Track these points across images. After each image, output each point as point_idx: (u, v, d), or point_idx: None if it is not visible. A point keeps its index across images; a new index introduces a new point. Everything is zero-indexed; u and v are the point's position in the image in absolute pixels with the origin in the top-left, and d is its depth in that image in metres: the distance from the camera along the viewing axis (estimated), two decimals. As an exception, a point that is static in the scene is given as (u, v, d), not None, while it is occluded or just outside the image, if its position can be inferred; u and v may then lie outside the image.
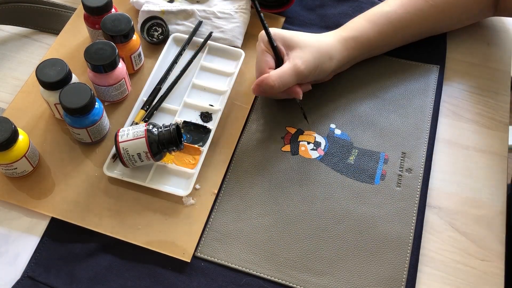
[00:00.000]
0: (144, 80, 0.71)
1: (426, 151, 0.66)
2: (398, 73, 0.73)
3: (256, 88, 0.64)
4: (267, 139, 0.67)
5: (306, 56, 0.64)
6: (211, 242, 0.60)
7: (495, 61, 0.75)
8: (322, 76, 0.68)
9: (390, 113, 0.70)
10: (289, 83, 0.63)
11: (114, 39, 0.66)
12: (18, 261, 0.59)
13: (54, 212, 0.61)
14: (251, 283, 0.58)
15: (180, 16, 0.75)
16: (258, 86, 0.64)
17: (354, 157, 0.66)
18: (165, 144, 0.60)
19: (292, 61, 0.63)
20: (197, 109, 0.69)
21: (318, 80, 0.69)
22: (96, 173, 0.64)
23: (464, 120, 0.70)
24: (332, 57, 0.66)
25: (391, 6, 0.69)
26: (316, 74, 0.66)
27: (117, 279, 0.58)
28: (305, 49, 0.64)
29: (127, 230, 0.60)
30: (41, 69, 0.62)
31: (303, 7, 0.80)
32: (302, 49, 0.64)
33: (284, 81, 0.63)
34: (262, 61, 0.65)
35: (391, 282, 0.58)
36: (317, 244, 0.60)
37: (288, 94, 0.66)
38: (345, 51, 0.67)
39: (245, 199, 0.63)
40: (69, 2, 0.80)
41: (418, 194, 0.63)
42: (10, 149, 0.59)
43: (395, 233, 0.61)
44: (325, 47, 0.65)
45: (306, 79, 0.65)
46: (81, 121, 0.62)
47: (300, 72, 0.63)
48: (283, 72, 0.63)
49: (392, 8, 0.69)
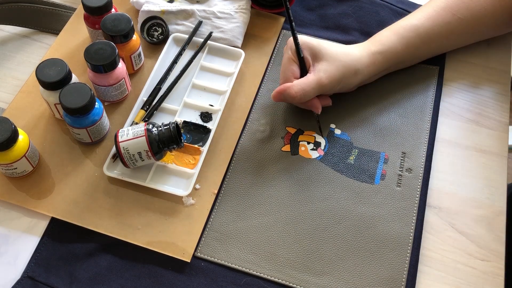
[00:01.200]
0: (144, 80, 0.71)
1: (426, 151, 0.66)
2: (398, 73, 0.73)
3: (277, 96, 0.64)
4: (267, 139, 0.67)
5: (331, 70, 0.63)
6: (211, 242, 0.60)
7: (495, 61, 0.75)
8: (346, 89, 0.68)
9: (390, 113, 0.70)
10: (311, 95, 0.63)
11: (114, 39, 0.66)
12: (18, 261, 0.59)
13: (54, 212, 0.61)
14: (251, 283, 0.58)
15: (180, 16, 0.75)
16: (279, 94, 0.64)
17: (354, 157, 0.66)
18: (165, 142, 0.60)
19: (317, 74, 0.63)
20: (197, 109, 0.69)
21: (341, 91, 0.68)
22: (96, 173, 0.64)
23: (464, 120, 0.70)
24: (357, 72, 0.66)
25: (419, 19, 0.68)
26: (339, 88, 0.66)
27: (117, 279, 0.58)
28: (331, 63, 0.64)
29: (127, 230, 0.60)
30: (41, 69, 0.62)
31: (303, 7, 0.80)
32: (328, 62, 0.64)
33: (306, 92, 0.63)
34: (288, 70, 0.65)
35: (391, 282, 0.58)
36: (317, 244, 0.60)
37: (307, 106, 0.66)
38: (371, 65, 0.67)
39: (245, 199, 0.63)
40: (69, 2, 0.80)
41: (418, 194, 0.63)
42: (10, 149, 0.59)
43: (395, 233, 0.61)
44: (352, 61, 0.65)
45: (328, 92, 0.66)
46: (81, 121, 0.62)
47: (324, 85, 0.63)
48: (306, 84, 0.62)
49: (420, 21, 0.68)
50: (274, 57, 0.75)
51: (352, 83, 0.67)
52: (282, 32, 0.77)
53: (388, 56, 0.68)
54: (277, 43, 0.76)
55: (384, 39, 0.68)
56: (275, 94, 0.64)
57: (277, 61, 0.74)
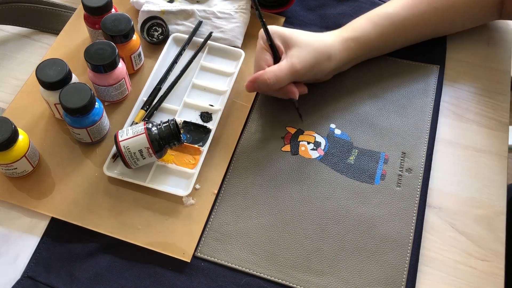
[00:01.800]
0: (144, 80, 0.71)
1: (426, 151, 0.66)
2: (398, 73, 0.73)
3: (250, 85, 0.64)
4: (267, 139, 0.67)
5: (303, 55, 0.63)
6: (211, 242, 0.60)
7: (495, 61, 0.75)
8: (320, 76, 0.68)
9: (390, 113, 0.70)
10: (285, 81, 0.63)
11: (114, 39, 0.66)
12: (18, 261, 0.59)
13: (54, 212, 0.61)
14: (251, 283, 0.58)
15: (180, 16, 0.75)
16: (253, 83, 0.64)
17: (354, 157, 0.66)
18: (165, 138, 0.60)
19: (290, 60, 0.63)
20: (197, 109, 0.69)
21: (317, 79, 0.69)
22: (96, 173, 0.64)
23: (464, 120, 0.70)
24: (330, 57, 0.66)
25: (394, 8, 0.69)
26: (313, 74, 0.65)
27: (117, 279, 0.58)
28: (303, 48, 0.64)
29: (127, 230, 0.60)
30: (41, 69, 0.62)
31: (303, 7, 0.80)
32: (300, 47, 0.64)
33: (279, 78, 0.62)
34: (260, 59, 0.65)
35: (391, 282, 0.58)
36: (317, 244, 0.60)
37: (284, 94, 0.66)
38: (344, 51, 0.67)
39: (245, 199, 0.63)
40: (69, 2, 0.80)
41: (418, 194, 0.63)
42: (10, 149, 0.59)
43: (395, 233, 0.61)
44: (324, 46, 0.65)
45: (302, 78, 0.65)
46: (81, 121, 0.62)
47: (297, 71, 0.63)
48: (278, 69, 0.63)
49: (395, 10, 0.69)
50: (274, 57, 0.75)
51: (326, 69, 0.66)
52: (282, 32, 0.77)
53: (361, 42, 0.68)
54: (277, 43, 0.76)
55: (357, 26, 0.68)
56: (248, 84, 0.64)
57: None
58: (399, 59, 0.74)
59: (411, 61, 0.74)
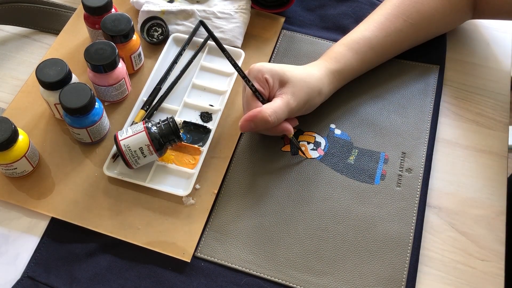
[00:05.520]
0: (144, 80, 0.71)
1: (426, 151, 0.66)
2: (398, 73, 0.73)
3: (246, 124, 0.60)
4: (267, 139, 0.67)
5: (298, 92, 0.62)
6: (211, 242, 0.60)
7: (495, 61, 0.75)
8: (309, 110, 0.66)
9: (390, 113, 0.70)
10: (282, 119, 0.62)
11: (114, 39, 0.66)
12: (18, 261, 0.59)
13: (54, 212, 0.61)
14: (251, 283, 0.58)
15: (180, 16, 0.75)
16: (249, 122, 0.60)
17: (354, 157, 0.66)
18: (165, 135, 0.60)
19: (285, 97, 0.62)
20: (197, 109, 0.69)
21: (304, 113, 0.67)
22: (96, 173, 0.64)
23: (464, 120, 0.70)
24: (321, 92, 0.65)
25: (372, 31, 0.68)
26: (304, 109, 0.65)
27: (117, 279, 0.58)
28: (296, 85, 0.63)
29: (127, 230, 0.60)
30: (41, 69, 0.62)
31: (303, 7, 0.80)
32: (294, 84, 0.63)
33: (279, 116, 0.61)
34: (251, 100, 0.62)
35: (391, 282, 0.58)
36: (317, 244, 0.60)
37: (278, 131, 0.64)
38: (331, 84, 0.67)
39: (245, 199, 0.63)
40: (69, 2, 0.80)
41: (418, 194, 0.63)
42: (10, 149, 0.59)
43: (395, 233, 0.61)
44: (315, 81, 0.64)
45: (294, 114, 0.64)
46: (81, 121, 0.62)
47: (292, 108, 0.62)
48: (278, 107, 0.61)
49: (373, 34, 0.68)
50: (274, 57, 0.75)
51: (317, 103, 0.66)
52: (282, 32, 0.77)
53: (345, 74, 0.68)
54: (277, 43, 0.76)
55: (339, 57, 0.67)
56: (243, 123, 0.60)
57: (277, 61, 0.74)
58: (399, 59, 0.74)
59: (411, 61, 0.74)
